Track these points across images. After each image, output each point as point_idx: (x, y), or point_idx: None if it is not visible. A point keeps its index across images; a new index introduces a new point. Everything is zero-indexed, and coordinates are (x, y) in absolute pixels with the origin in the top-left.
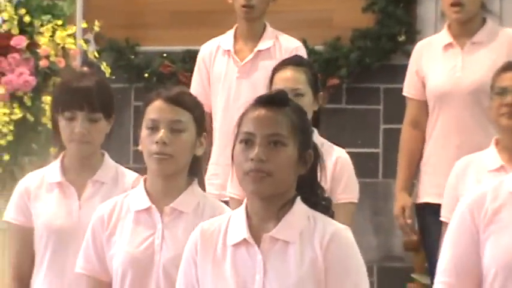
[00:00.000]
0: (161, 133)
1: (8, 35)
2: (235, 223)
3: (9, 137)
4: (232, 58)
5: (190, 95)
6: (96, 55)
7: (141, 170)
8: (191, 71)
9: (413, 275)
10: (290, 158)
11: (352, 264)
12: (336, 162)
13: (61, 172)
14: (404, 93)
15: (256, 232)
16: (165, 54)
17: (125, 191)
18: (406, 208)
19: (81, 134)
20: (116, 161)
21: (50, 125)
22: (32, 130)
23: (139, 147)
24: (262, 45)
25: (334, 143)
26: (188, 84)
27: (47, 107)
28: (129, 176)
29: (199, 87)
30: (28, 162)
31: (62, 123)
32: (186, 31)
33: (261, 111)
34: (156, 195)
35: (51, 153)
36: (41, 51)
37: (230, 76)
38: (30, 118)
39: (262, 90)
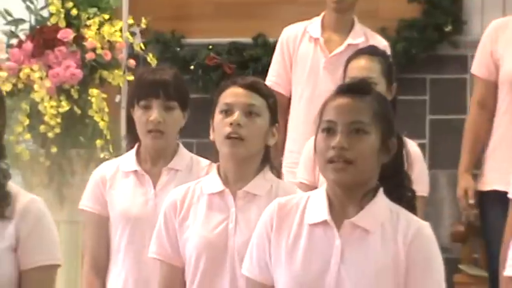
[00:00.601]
0: (236, 115)
1: (55, 28)
2: (315, 203)
3: (57, 130)
4: (320, 47)
5: (265, 84)
6: (143, 47)
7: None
8: (236, 62)
9: (460, 266)
10: (372, 146)
11: (435, 263)
12: (406, 155)
13: (136, 161)
14: (473, 72)
15: (336, 216)
16: (210, 46)
17: (200, 176)
18: (469, 190)
19: (156, 121)
20: None
21: (96, 118)
22: (79, 123)
23: (211, 137)
24: (352, 39)
25: None
26: (233, 76)
27: (94, 100)
28: (204, 163)
29: (280, 69)
30: (75, 155)
31: (138, 113)
32: (232, 23)
33: (343, 100)
34: (229, 180)
35: (97, 145)
36: (87, 44)
37: (316, 66)
38: (77, 111)
39: None
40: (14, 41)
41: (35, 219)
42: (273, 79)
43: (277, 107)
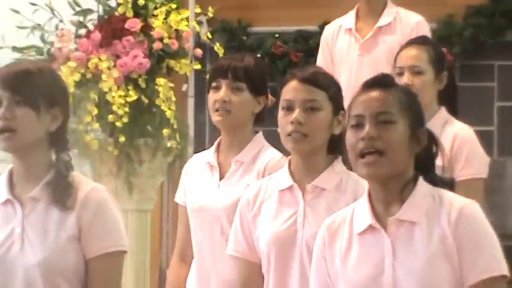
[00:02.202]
0: (296, 113)
1: (123, 18)
2: (360, 212)
3: (125, 119)
4: (354, 36)
5: (325, 74)
6: (209, 36)
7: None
8: (303, 51)
9: None
10: (401, 135)
11: (484, 238)
12: (454, 138)
13: (214, 152)
14: None
15: (381, 217)
16: (277, 35)
17: (258, 172)
18: None
19: (222, 100)
20: None
21: (163, 107)
22: (146, 112)
23: (278, 130)
24: (382, 21)
25: None
26: (300, 65)
27: (161, 89)
28: (267, 154)
29: (322, 66)
30: (143, 144)
31: (209, 95)
32: (298, 11)
33: (369, 93)
34: (298, 175)
35: (164, 134)
36: (154, 33)
37: (351, 54)
38: (145, 100)
39: (383, 65)
40: (83, 31)
41: (97, 206)
42: None
43: (339, 96)
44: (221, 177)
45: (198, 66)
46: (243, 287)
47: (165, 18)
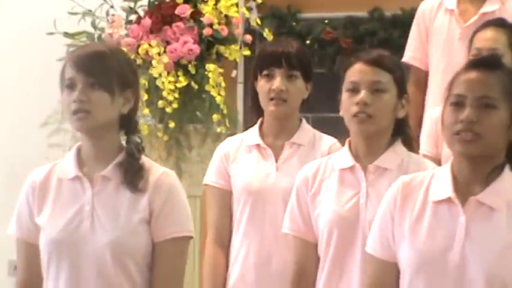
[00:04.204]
0: (362, 94)
1: (173, 4)
2: (439, 180)
3: (175, 105)
4: (455, 18)
5: (390, 56)
6: (259, 22)
7: (340, 135)
8: (353, 37)
9: None
10: (501, 121)
11: None
12: None
13: (260, 135)
14: None
15: (461, 193)
16: (326, 21)
17: (322, 154)
18: None
19: (279, 89)
20: None
21: (213, 93)
22: (196, 98)
23: (341, 113)
24: (487, 7)
25: None
26: (349, 51)
27: (211, 75)
28: (326, 139)
29: (416, 42)
30: (192, 130)
31: (261, 82)
32: None
33: (473, 74)
34: (359, 155)
35: (214, 120)
36: (204, 19)
37: (451, 38)
38: (194, 86)
39: None
40: (133, 17)
41: (168, 192)
42: (409, 54)
43: (404, 79)
44: (276, 160)
45: (247, 52)
46: (298, 266)
47: (215, 4)
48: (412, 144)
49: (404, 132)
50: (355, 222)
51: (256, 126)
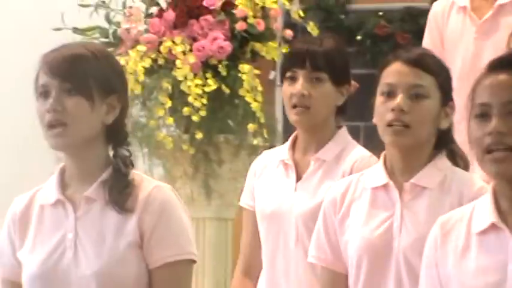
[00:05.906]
0: (399, 99)
1: None
2: (481, 209)
3: (202, 112)
4: (469, 16)
5: (434, 57)
6: (301, 15)
7: (374, 148)
8: (411, 32)
9: None
10: None
11: None
12: None
13: (290, 149)
14: None
15: (506, 217)
16: (380, 13)
17: (343, 172)
18: None
19: (299, 94)
20: None
21: (248, 98)
22: (227, 104)
23: (374, 121)
24: None
25: None
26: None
27: (245, 77)
28: (354, 153)
29: (430, 48)
30: (224, 141)
31: (284, 87)
32: None
33: (496, 77)
34: (395, 171)
35: (249, 130)
36: (237, 12)
37: (467, 38)
38: (226, 90)
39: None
40: (154, 10)
41: (160, 209)
42: None
43: (449, 83)
44: (298, 178)
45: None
46: None
47: None
48: (456, 160)
49: (448, 146)
50: (388, 251)
51: (290, 139)
